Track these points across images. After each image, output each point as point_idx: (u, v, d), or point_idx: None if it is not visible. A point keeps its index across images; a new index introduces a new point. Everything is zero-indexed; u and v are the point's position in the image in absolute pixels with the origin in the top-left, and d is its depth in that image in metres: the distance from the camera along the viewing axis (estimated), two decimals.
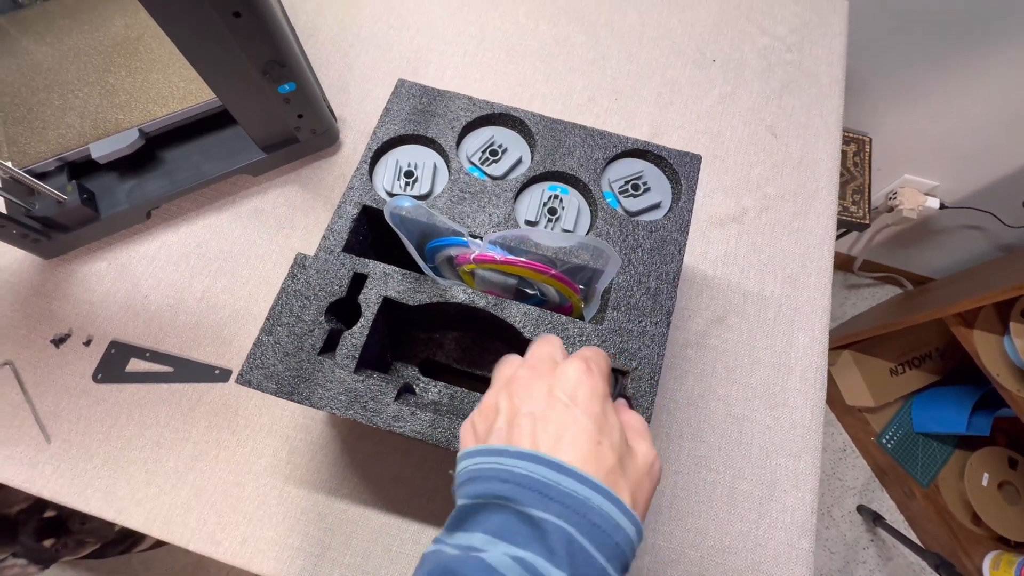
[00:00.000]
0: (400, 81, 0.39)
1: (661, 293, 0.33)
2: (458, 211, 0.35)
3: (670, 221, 0.35)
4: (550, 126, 0.37)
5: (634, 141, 0.37)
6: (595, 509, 0.20)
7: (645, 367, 0.31)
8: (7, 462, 0.45)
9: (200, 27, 0.37)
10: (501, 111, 0.38)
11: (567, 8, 0.65)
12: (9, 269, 0.51)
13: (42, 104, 0.50)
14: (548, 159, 0.37)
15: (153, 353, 0.48)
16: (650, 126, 0.58)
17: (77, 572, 1.08)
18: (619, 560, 0.20)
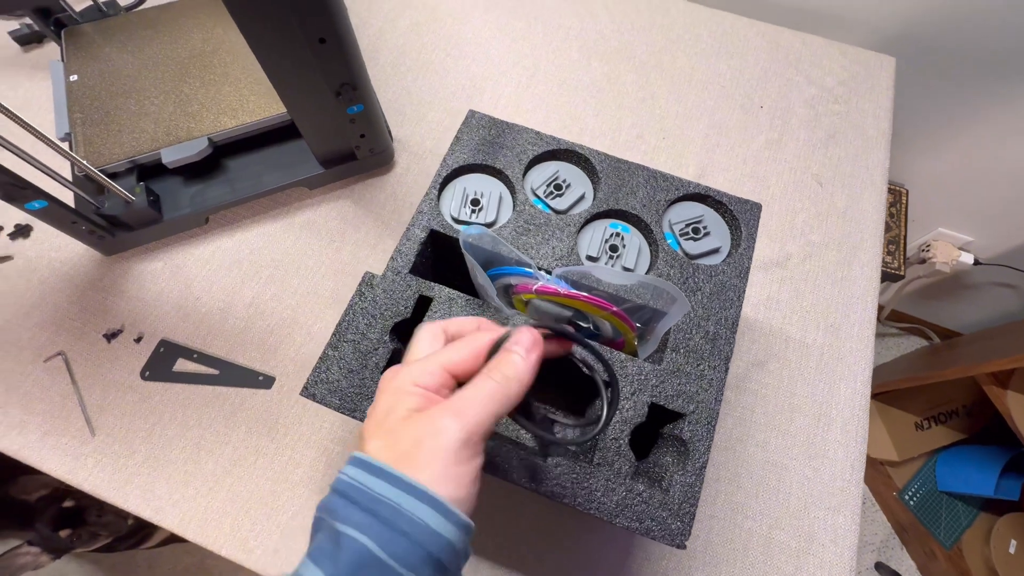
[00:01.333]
0: (471, 112, 0.40)
1: (720, 338, 0.33)
2: (522, 242, 0.36)
3: (729, 267, 0.36)
4: (614, 165, 0.38)
5: (695, 185, 0.38)
6: (406, 515, 0.19)
7: (703, 411, 0.31)
8: (52, 452, 0.45)
9: (287, 50, 0.39)
10: (567, 147, 0.39)
11: (619, 48, 0.67)
12: (70, 262, 0.53)
13: (119, 109, 0.52)
14: (611, 197, 0.38)
15: (200, 355, 0.49)
16: (696, 166, 0.59)
17: (83, 565, 1.08)
18: (432, 568, 0.19)
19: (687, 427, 0.31)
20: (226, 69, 0.54)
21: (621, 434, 0.31)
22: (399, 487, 0.20)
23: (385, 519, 0.19)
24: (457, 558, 0.21)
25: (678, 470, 0.30)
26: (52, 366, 0.48)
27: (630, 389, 0.32)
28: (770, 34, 0.68)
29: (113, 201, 0.48)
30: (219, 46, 0.56)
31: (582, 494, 0.29)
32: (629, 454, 0.30)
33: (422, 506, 0.20)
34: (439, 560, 0.20)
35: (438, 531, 0.20)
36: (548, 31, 0.67)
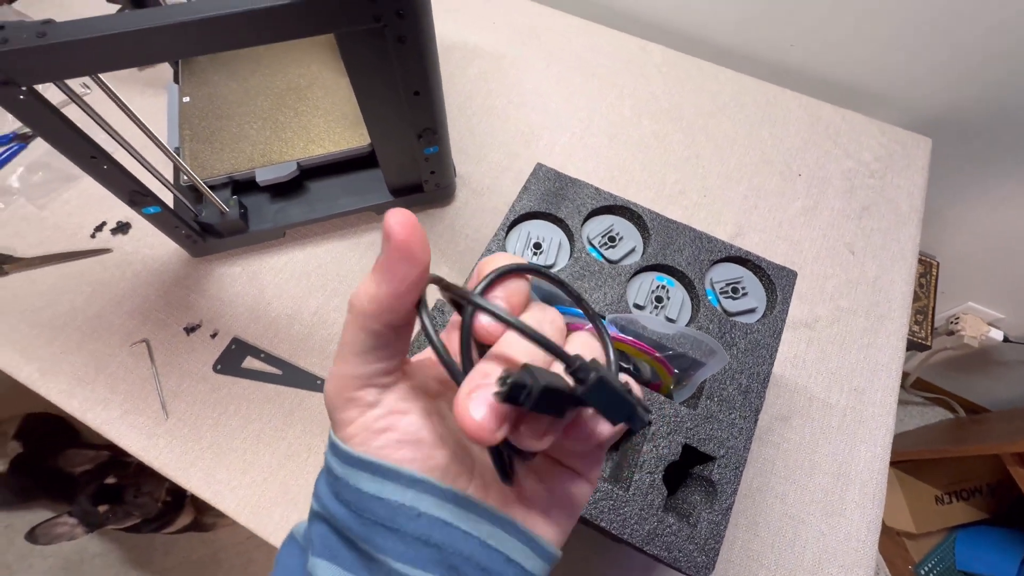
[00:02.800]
0: (539, 165, 0.45)
1: (751, 391, 0.37)
2: (577, 286, 0.40)
3: (764, 327, 0.39)
4: (664, 224, 0.43)
5: (737, 249, 0.42)
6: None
7: (732, 456, 0.34)
8: (130, 429, 0.50)
9: (386, 98, 0.45)
10: (623, 204, 0.44)
11: (668, 109, 0.72)
12: (160, 260, 0.59)
13: (223, 129, 0.59)
14: (660, 252, 0.42)
15: (267, 355, 0.54)
16: (734, 225, 0.63)
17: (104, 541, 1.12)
18: None
19: (716, 470, 0.34)
20: (317, 102, 0.61)
21: (656, 469, 0.34)
22: (336, 455, 0.18)
23: (333, 488, 0.18)
24: (439, 528, 0.17)
25: (706, 508, 0.33)
26: (136, 351, 0.54)
27: (666, 429, 0.35)
28: (812, 107, 0.72)
29: (210, 210, 0.54)
30: (313, 81, 0.63)
31: (617, 520, 0.32)
32: (662, 488, 0.33)
33: (354, 471, 0.17)
34: (407, 532, 0.17)
35: (378, 495, 0.17)
36: (604, 88, 0.73)
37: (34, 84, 0.35)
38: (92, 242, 0.60)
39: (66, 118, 0.38)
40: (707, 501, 0.34)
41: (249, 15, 0.34)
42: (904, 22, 0.66)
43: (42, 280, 0.57)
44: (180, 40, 0.34)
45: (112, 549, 1.11)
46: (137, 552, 1.10)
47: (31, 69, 0.33)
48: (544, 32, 0.78)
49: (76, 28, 0.33)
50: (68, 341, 0.54)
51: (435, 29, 0.42)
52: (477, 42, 0.77)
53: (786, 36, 0.74)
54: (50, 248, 0.59)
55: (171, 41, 0.34)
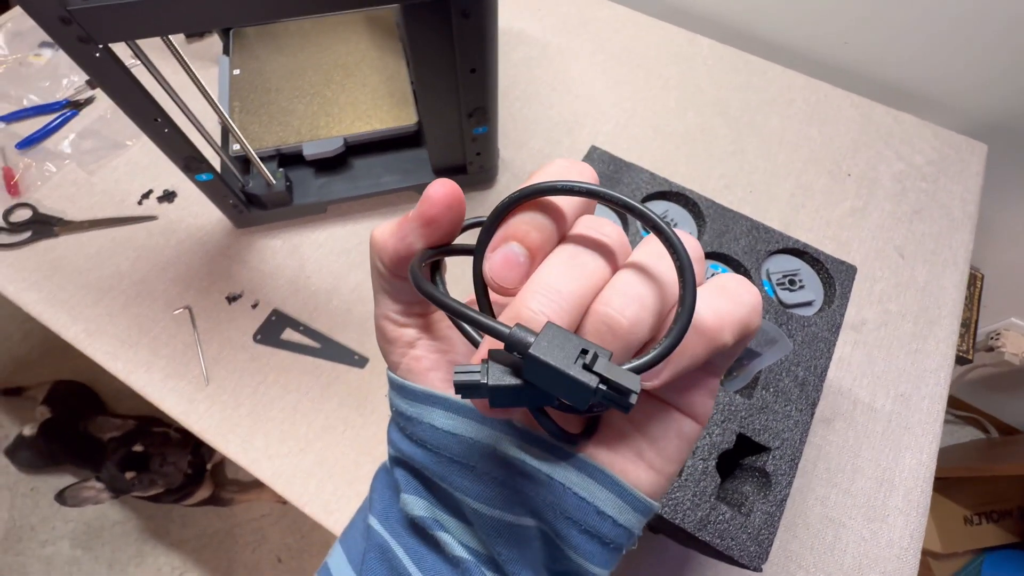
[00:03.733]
0: (593, 147, 0.45)
1: (808, 384, 0.36)
2: None
3: (823, 320, 0.38)
4: (721, 212, 0.42)
5: (795, 241, 0.41)
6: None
7: (787, 448, 0.34)
8: (171, 393, 0.51)
9: (443, 73, 0.45)
10: (678, 190, 0.43)
11: (714, 102, 0.71)
12: (205, 229, 0.59)
13: (272, 103, 0.59)
14: (715, 240, 0.41)
15: (306, 328, 0.54)
16: (780, 222, 0.62)
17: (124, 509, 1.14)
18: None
19: (771, 461, 0.33)
20: (365, 79, 0.61)
21: (709, 456, 0.33)
22: (403, 394, 0.18)
23: (403, 429, 0.18)
24: (503, 467, 0.16)
25: (759, 498, 0.32)
26: (179, 317, 0.55)
27: (720, 417, 0.34)
28: (863, 107, 0.71)
29: (257, 182, 0.55)
30: (362, 59, 0.63)
31: (669, 504, 0.32)
32: (715, 476, 0.33)
33: (426, 408, 0.17)
34: (481, 470, 0.16)
35: (452, 432, 0.16)
36: (649, 79, 0.72)
37: (110, 42, 0.35)
38: (139, 209, 0.61)
39: (136, 79, 0.38)
40: (760, 492, 0.33)
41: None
42: (965, 25, 0.64)
43: (90, 243, 0.59)
44: (258, 4, 0.34)
45: (131, 518, 1.13)
46: (155, 522, 1.12)
47: (110, 26, 0.34)
48: (591, 21, 0.77)
49: None
50: (113, 304, 0.55)
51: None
52: (523, 28, 0.76)
53: (839, 33, 0.72)
54: (98, 213, 0.60)
55: (247, 4, 0.34)
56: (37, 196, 0.61)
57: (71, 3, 0.32)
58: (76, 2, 0.32)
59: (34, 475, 1.15)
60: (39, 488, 1.15)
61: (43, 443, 1.07)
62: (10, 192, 0.61)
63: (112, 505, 1.14)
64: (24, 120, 0.66)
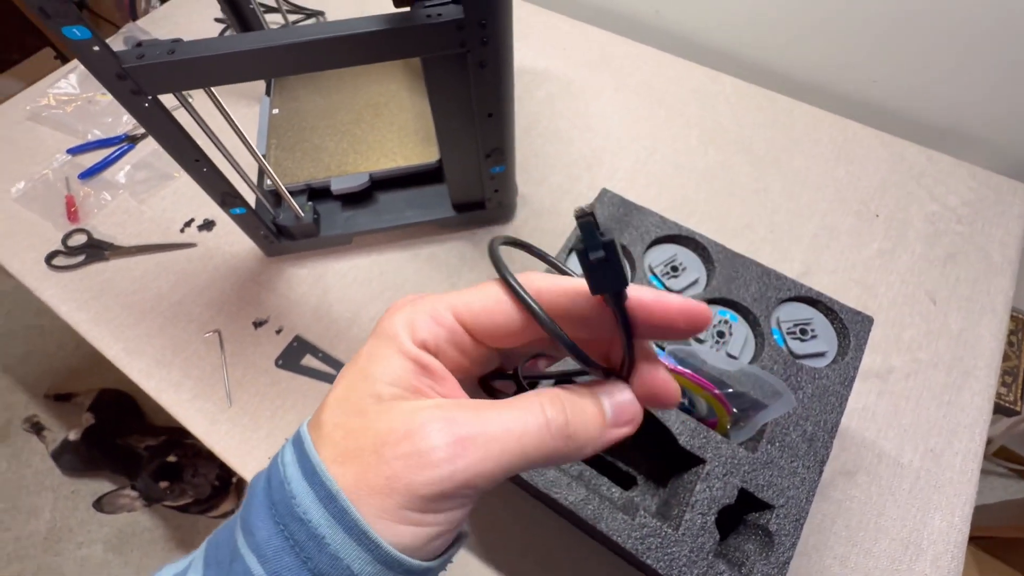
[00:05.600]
0: (604, 190, 0.46)
1: (817, 440, 0.35)
2: None
3: (835, 373, 0.37)
4: (730, 257, 0.42)
5: (808, 289, 0.40)
6: (328, 553, 0.14)
7: (792, 507, 0.32)
8: (197, 413, 0.54)
9: (460, 118, 0.47)
10: (687, 234, 0.43)
11: (737, 140, 0.70)
12: (239, 257, 0.63)
13: (306, 140, 0.63)
14: (724, 286, 0.41)
15: (325, 355, 0.56)
16: (802, 264, 0.60)
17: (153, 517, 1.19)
18: None
19: (774, 519, 0.32)
20: (392, 118, 0.64)
21: (708, 511, 0.32)
22: (330, 508, 0.14)
23: (299, 548, 0.14)
24: None
25: (760, 559, 0.31)
26: (209, 340, 0.58)
27: (722, 471, 0.34)
28: (894, 146, 0.69)
29: (287, 214, 0.58)
30: (391, 99, 0.66)
31: (664, 559, 0.31)
32: (714, 532, 0.32)
33: (356, 549, 0.14)
34: None
35: None
36: (671, 116, 0.73)
37: (159, 94, 0.39)
38: (181, 236, 0.65)
39: (180, 125, 0.42)
40: (762, 552, 0.32)
41: (351, 39, 0.37)
42: (1004, 61, 0.62)
43: (136, 267, 0.63)
44: (286, 60, 0.37)
45: (160, 526, 1.17)
46: (182, 532, 1.16)
47: (159, 81, 0.37)
48: (614, 59, 0.79)
49: (200, 47, 0.36)
50: (152, 325, 0.59)
51: None
52: (547, 66, 0.79)
53: (868, 71, 0.71)
54: (145, 239, 0.65)
55: (278, 61, 0.37)
56: (93, 223, 0.67)
57: (125, 62, 0.36)
58: (130, 61, 0.36)
59: (76, 479, 1.22)
60: (79, 491, 1.21)
61: (85, 448, 1.13)
62: (70, 219, 0.67)
63: (143, 513, 1.19)
64: (87, 152, 0.73)
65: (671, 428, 0.35)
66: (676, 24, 0.81)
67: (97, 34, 0.34)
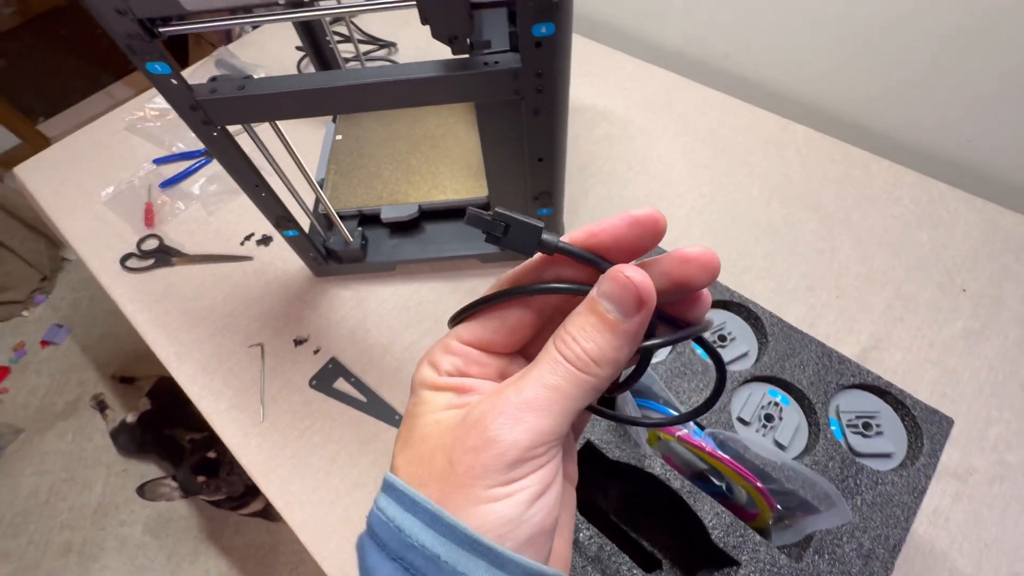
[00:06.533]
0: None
1: (875, 558, 0.30)
2: (675, 384, 0.37)
3: (903, 480, 0.32)
4: (786, 332, 0.38)
5: (875, 377, 0.36)
6: (447, 571, 0.14)
7: None
8: (231, 424, 0.55)
9: (511, 161, 0.47)
10: (739, 300, 0.40)
11: (804, 194, 0.66)
12: (288, 274, 0.65)
13: (363, 167, 0.65)
14: (777, 364, 0.37)
15: (357, 380, 0.57)
16: (869, 336, 0.55)
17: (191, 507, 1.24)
18: None
19: None
20: (447, 151, 0.65)
21: None
22: (435, 527, 0.15)
23: (418, 572, 0.15)
24: None
25: None
26: (252, 353, 0.60)
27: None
28: (988, 212, 0.62)
29: (337, 238, 0.60)
30: (448, 131, 0.67)
31: None
32: None
33: (468, 556, 0.14)
34: None
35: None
36: (733, 164, 0.70)
37: (227, 124, 0.41)
38: (240, 249, 0.68)
39: (243, 152, 0.44)
40: None
41: (407, 83, 0.37)
42: None
43: (196, 275, 0.67)
44: (345, 100, 0.38)
45: (194, 515, 1.22)
46: (213, 524, 1.20)
47: (228, 113, 0.39)
48: (677, 102, 0.77)
49: (268, 84, 0.38)
50: (202, 332, 0.62)
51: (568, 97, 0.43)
52: (607, 105, 0.78)
53: (963, 131, 0.65)
54: (209, 249, 0.69)
55: (338, 100, 0.39)
56: (165, 228, 0.72)
57: (199, 95, 0.38)
58: (203, 95, 0.38)
59: (127, 459, 1.29)
60: (129, 471, 1.29)
61: (139, 432, 1.21)
62: (147, 224, 0.72)
63: (180, 502, 1.24)
64: (170, 163, 0.79)
65: (704, 520, 0.32)
66: (746, 69, 0.78)
67: (176, 69, 0.36)
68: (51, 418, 1.39)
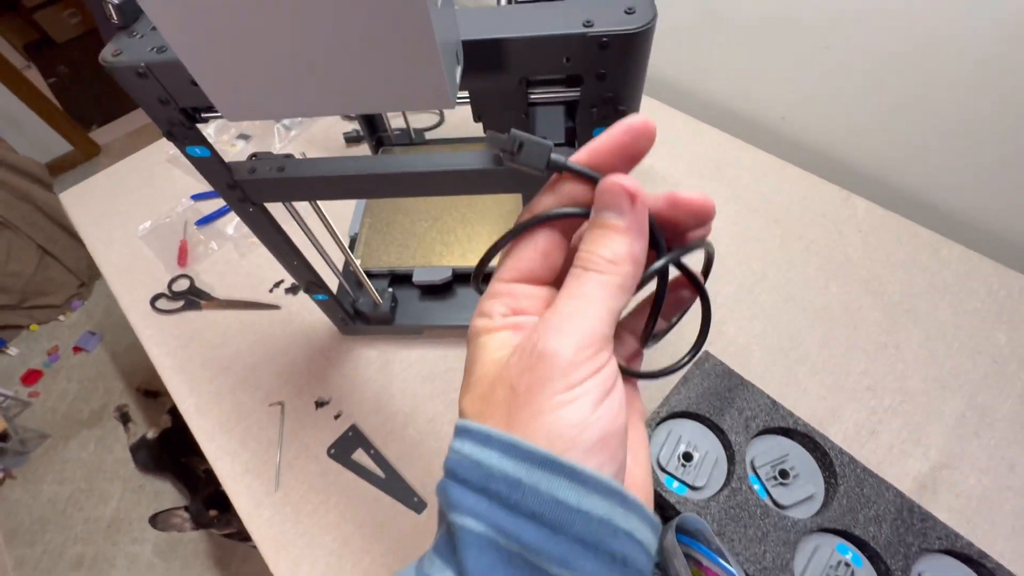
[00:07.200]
0: (706, 353, 0.40)
1: None
2: (729, 530, 0.33)
3: None
4: (860, 476, 0.34)
5: (966, 544, 0.31)
6: (529, 491, 0.15)
7: None
8: (244, 490, 0.53)
9: None
10: (804, 430, 0.36)
11: (866, 279, 0.61)
12: (314, 328, 0.64)
13: (397, 224, 0.63)
14: (848, 514, 0.33)
15: (376, 453, 0.54)
16: (939, 452, 0.49)
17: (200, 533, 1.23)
18: (601, 561, 0.15)
19: None
20: (485, 212, 0.63)
21: None
22: (512, 455, 0.15)
23: (504, 499, 0.15)
24: (630, 545, 0.15)
25: None
26: (272, 412, 0.58)
27: None
28: None
29: (366, 300, 0.58)
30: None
31: None
32: None
33: (548, 476, 0.15)
34: (603, 548, 0.15)
35: (579, 508, 0.15)
36: (787, 239, 0.65)
37: (263, 202, 0.39)
38: (268, 296, 0.67)
39: (278, 227, 0.43)
40: None
41: (463, 174, 0.35)
42: None
43: (223, 321, 0.66)
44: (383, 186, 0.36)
45: (204, 541, 1.21)
46: (223, 551, 1.19)
47: (262, 193, 0.38)
48: (729, 166, 0.73)
49: (308, 167, 0.36)
50: (223, 384, 0.60)
51: None
52: (654, 165, 0.74)
53: None
54: (238, 293, 0.68)
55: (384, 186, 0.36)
56: (197, 269, 0.71)
57: (237, 175, 0.36)
58: (242, 175, 0.36)
59: (144, 475, 1.30)
60: (145, 487, 1.29)
61: (158, 450, 1.21)
62: (180, 263, 0.72)
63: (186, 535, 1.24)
64: (208, 200, 0.79)
65: None
66: (804, 133, 0.74)
67: (216, 151, 0.35)
68: (76, 426, 1.41)
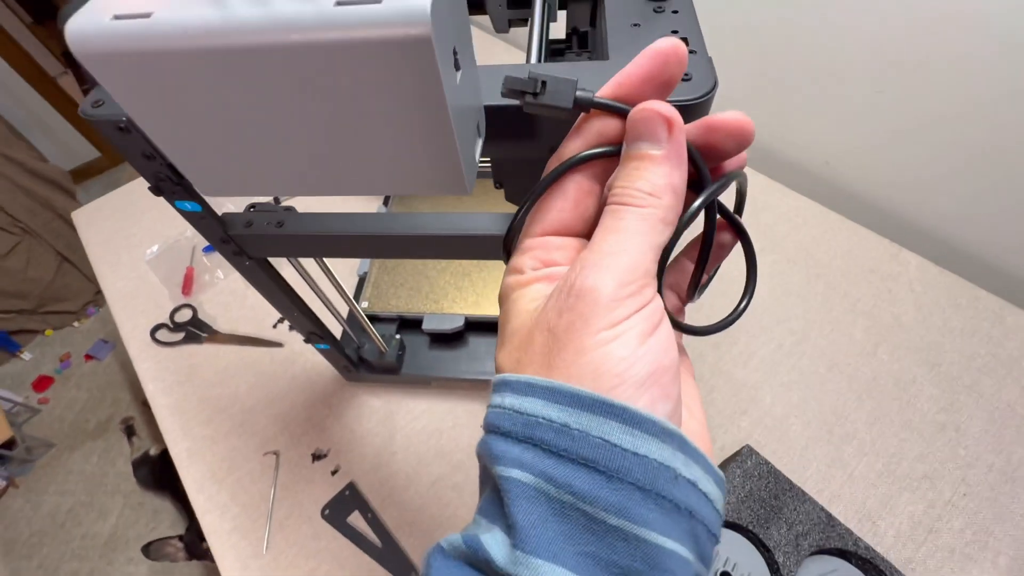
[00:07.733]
0: (748, 449, 0.35)
1: None
2: None
3: None
4: None
5: None
6: (578, 436, 0.14)
7: None
8: (230, 550, 0.49)
9: None
10: (864, 554, 0.30)
11: (920, 346, 0.55)
12: (317, 370, 0.60)
13: (410, 264, 0.60)
14: None
15: (373, 517, 0.50)
16: (1012, 559, 0.43)
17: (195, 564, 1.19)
18: (659, 508, 0.13)
19: None
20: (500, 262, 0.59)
21: None
22: (556, 400, 0.14)
23: (551, 446, 0.14)
24: (695, 496, 0.14)
25: None
26: (265, 462, 0.54)
27: None
28: None
29: (371, 347, 0.54)
30: None
31: None
32: None
33: (598, 419, 0.14)
34: (665, 496, 0.13)
35: (636, 451, 0.13)
36: (831, 296, 0.60)
37: (257, 256, 0.36)
38: (271, 332, 0.64)
39: (278, 276, 0.39)
40: None
41: (467, 239, 0.31)
42: None
43: (223, 357, 0.63)
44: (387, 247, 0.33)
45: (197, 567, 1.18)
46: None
47: (256, 248, 0.34)
48: (766, 212, 0.68)
49: (309, 224, 0.33)
50: (219, 428, 0.57)
51: None
52: None
53: None
54: (241, 327, 0.65)
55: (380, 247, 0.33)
56: (201, 298, 0.69)
57: (231, 229, 0.33)
58: (236, 229, 0.33)
59: (144, 492, 1.28)
60: (145, 504, 1.27)
61: (160, 467, 1.18)
62: (184, 291, 0.69)
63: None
64: None
65: None
66: (850, 179, 0.69)
67: (207, 205, 0.32)
68: (82, 436, 1.40)
